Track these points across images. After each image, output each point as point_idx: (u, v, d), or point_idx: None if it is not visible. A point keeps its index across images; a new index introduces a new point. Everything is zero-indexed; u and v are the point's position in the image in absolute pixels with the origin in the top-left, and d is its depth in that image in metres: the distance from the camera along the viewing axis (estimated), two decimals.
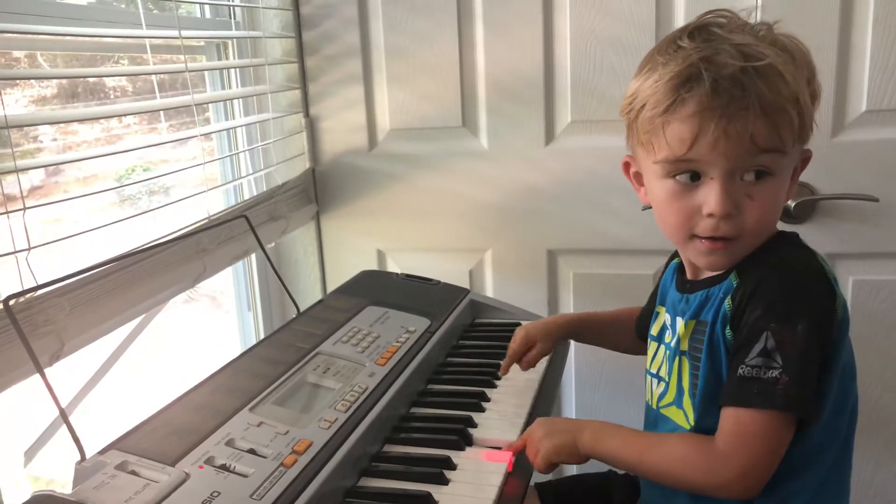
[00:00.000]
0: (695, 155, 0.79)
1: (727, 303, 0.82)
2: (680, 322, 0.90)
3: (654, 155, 0.82)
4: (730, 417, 0.79)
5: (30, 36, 1.03)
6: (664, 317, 0.96)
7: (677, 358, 0.90)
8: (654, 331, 0.98)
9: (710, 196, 0.80)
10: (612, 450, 0.86)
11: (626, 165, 0.93)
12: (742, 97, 0.75)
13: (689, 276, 0.92)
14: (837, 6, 1.33)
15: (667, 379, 0.92)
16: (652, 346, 0.98)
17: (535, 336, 1.13)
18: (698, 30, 0.81)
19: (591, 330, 1.18)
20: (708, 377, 0.83)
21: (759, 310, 0.78)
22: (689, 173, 0.81)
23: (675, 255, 0.98)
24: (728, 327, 0.81)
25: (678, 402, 0.89)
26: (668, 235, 0.87)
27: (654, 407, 0.94)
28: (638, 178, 0.91)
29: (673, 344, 0.91)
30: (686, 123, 0.78)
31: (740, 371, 0.78)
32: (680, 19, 1.41)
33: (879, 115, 1.37)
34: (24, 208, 0.88)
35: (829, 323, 0.78)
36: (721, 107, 0.76)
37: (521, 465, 0.91)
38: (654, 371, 0.96)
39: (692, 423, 0.86)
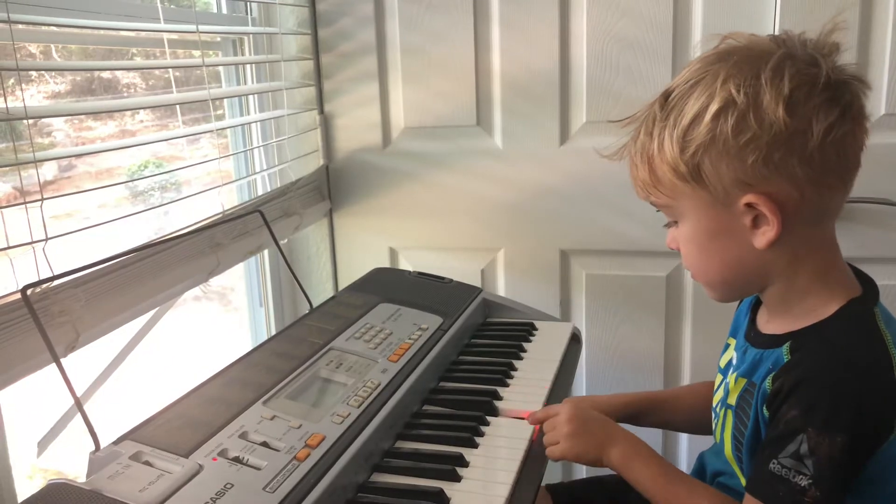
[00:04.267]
0: None
1: (768, 382, 0.77)
2: (731, 374, 0.86)
3: None
4: None
5: (47, 28, 1.03)
6: (732, 352, 0.90)
7: (724, 409, 0.86)
8: (722, 362, 0.92)
9: None
10: (638, 480, 0.85)
11: None
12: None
13: (758, 322, 0.86)
14: (857, 9, 1.33)
15: (716, 422, 0.89)
16: (718, 378, 0.91)
17: None
18: None
19: (650, 412, 1.06)
20: (750, 442, 0.80)
21: (798, 409, 0.72)
22: None
23: None
24: (765, 406, 0.77)
25: (722, 449, 0.87)
26: None
27: (718, 440, 0.90)
28: None
29: (721, 393, 0.87)
30: None
31: (771, 465, 0.73)
32: (698, 20, 1.41)
33: None
34: (42, 199, 0.89)
35: (877, 434, 0.71)
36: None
37: (535, 461, 0.91)
38: (714, 407, 0.90)
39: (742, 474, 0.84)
